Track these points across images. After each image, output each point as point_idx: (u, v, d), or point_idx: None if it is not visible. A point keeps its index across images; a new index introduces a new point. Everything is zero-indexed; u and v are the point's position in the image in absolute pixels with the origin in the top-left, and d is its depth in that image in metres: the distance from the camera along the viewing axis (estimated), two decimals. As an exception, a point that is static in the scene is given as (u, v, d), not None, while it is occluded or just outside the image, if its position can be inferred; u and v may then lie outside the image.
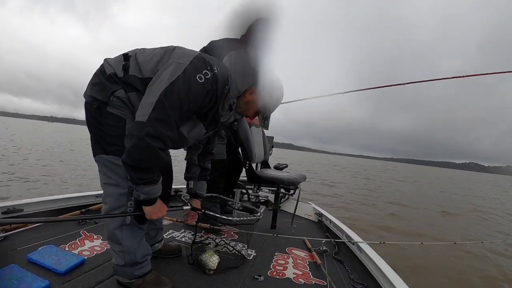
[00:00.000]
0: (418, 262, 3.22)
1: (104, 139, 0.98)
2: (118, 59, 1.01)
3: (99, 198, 1.99)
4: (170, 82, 0.89)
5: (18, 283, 0.99)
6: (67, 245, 1.37)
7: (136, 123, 0.88)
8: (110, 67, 0.98)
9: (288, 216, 2.39)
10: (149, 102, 0.89)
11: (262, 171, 2.26)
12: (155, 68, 0.96)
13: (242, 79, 1.03)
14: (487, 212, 7.66)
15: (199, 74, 0.94)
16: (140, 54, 1.01)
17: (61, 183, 5.36)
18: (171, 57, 0.97)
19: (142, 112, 0.88)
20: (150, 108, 0.87)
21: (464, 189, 15.63)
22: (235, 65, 1.05)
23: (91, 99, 0.98)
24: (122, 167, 0.92)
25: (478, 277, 3.07)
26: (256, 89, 1.06)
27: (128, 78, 0.97)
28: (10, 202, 1.56)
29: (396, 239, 4.19)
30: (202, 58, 0.98)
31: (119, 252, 1.02)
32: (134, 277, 1.05)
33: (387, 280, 1.20)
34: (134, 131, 0.87)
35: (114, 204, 0.99)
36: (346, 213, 5.51)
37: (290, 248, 1.69)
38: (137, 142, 0.86)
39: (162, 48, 1.03)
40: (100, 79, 0.98)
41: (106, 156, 0.98)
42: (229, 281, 1.21)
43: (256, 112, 1.13)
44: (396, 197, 8.56)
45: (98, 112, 0.97)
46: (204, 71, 0.95)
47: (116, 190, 0.99)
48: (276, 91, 1.10)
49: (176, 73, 0.91)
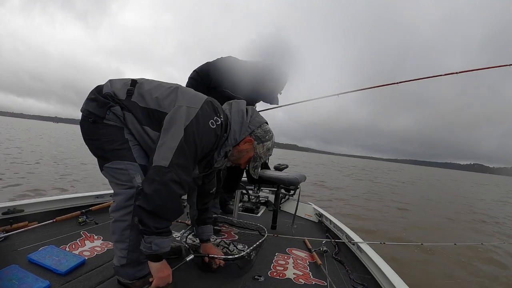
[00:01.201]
0: (418, 263, 3.22)
1: (103, 149, 1.00)
2: (124, 82, 1.05)
3: (99, 198, 2.00)
4: (186, 127, 0.93)
5: (18, 283, 1.00)
6: (67, 245, 1.37)
7: (157, 168, 0.88)
8: (109, 87, 1.03)
9: (288, 216, 2.39)
10: (170, 146, 0.90)
11: (262, 172, 2.26)
12: (161, 103, 1.00)
13: (240, 129, 1.09)
14: (489, 215, 7.63)
15: (211, 120, 1.00)
16: (146, 84, 1.05)
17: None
18: (179, 97, 1.01)
19: (163, 156, 0.89)
20: (172, 152, 0.89)
21: (472, 192, 15.35)
22: (235, 114, 1.10)
23: (87, 113, 1.01)
24: (124, 169, 0.97)
25: (478, 277, 3.07)
26: (251, 140, 1.12)
27: (129, 103, 1.00)
28: (10, 202, 1.57)
29: (396, 239, 4.19)
30: (211, 104, 1.04)
31: (123, 250, 1.02)
32: (135, 278, 1.05)
33: (387, 280, 1.20)
34: (156, 176, 0.87)
35: (124, 203, 1.00)
36: (350, 220, 5.50)
37: (290, 248, 1.69)
38: (160, 187, 0.87)
39: (168, 84, 1.07)
40: (96, 96, 1.01)
41: (109, 163, 1.00)
42: (229, 281, 1.21)
43: (247, 161, 1.18)
44: (401, 200, 8.44)
45: (94, 126, 1.00)
46: (215, 117, 1.02)
47: (125, 190, 1.00)
48: (268, 142, 1.16)
49: (190, 117, 0.95)
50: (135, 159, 1.02)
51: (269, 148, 1.18)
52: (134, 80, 1.06)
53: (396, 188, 10.36)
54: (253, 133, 1.12)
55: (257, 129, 1.13)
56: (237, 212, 2.11)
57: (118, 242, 1.03)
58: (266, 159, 1.23)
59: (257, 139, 1.13)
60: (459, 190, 15.39)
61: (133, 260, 1.03)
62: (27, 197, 4.04)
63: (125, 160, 1.00)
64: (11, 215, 1.50)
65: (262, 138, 1.14)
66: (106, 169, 1.02)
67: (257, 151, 1.15)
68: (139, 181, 0.99)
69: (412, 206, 7.41)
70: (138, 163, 1.02)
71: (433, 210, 7.20)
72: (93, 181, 5.83)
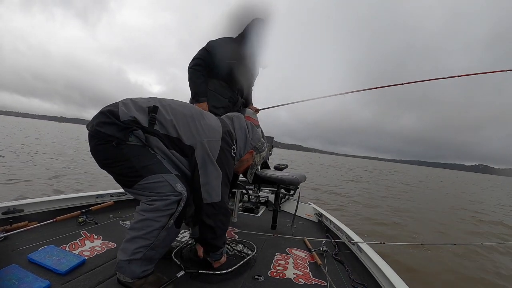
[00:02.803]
0: (418, 263, 3.22)
1: (134, 167, 1.01)
2: (143, 107, 1.07)
3: (99, 198, 2.00)
4: (217, 161, 1.09)
5: (18, 283, 0.99)
6: (67, 245, 1.37)
7: (213, 204, 1.08)
8: (125, 112, 1.03)
9: (288, 216, 2.39)
10: (217, 184, 1.08)
11: (262, 172, 2.26)
12: (182, 134, 1.08)
13: (245, 146, 1.27)
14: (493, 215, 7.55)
15: (231, 150, 1.18)
16: (165, 113, 1.09)
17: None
18: (199, 130, 1.11)
19: (214, 193, 1.08)
20: (219, 187, 1.09)
21: (483, 194, 14.92)
22: (238, 131, 1.26)
23: (105, 136, 1.00)
24: (163, 181, 1.02)
25: (478, 277, 3.07)
26: (252, 151, 1.31)
27: (153, 131, 1.05)
28: (10, 202, 1.57)
29: (396, 239, 4.19)
30: (229, 133, 1.20)
31: (143, 247, 1.01)
32: (138, 276, 1.05)
33: (387, 280, 1.20)
34: (216, 210, 1.09)
35: (163, 207, 1.01)
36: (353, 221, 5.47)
37: (290, 248, 1.69)
38: (223, 218, 1.13)
39: (185, 108, 1.16)
40: (113, 120, 1.01)
41: (143, 180, 1.01)
42: (229, 282, 1.21)
43: (246, 168, 1.37)
44: (405, 203, 8.21)
45: (118, 149, 1.01)
46: (233, 146, 1.20)
47: (172, 198, 1.02)
48: (264, 152, 1.37)
49: (217, 151, 1.11)
50: (169, 170, 1.05)
51: (264, 157, 1.39)
52: (155, 107, 1.07)
53: (405, 195, 9.83)
54: (254, 147, 1.32)
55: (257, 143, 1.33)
56: (237, 212, 2.11)
57: (141, 238, 1.01)
58: (259, 165, 1.46)
59: (256, 150, 1.33)
60: (470, 193, 14.73)
61: (147, 257, 1.03)
62: (27, 197, 4.04)
63: (162, 173, 1.02)
64: (11, 215, 1.50)
65: (260, 149, 1.34)
66: (140, 187, 1.02)
67: (255, 160, 1.36)
68: (181, 189, 1.03)
69: (429, 213, 6.95)
70: (174, 174, 1.05)
71: (452, 220, 6.46)
72: (93, 180, 5.83)
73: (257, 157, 1.35)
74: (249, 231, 1.91)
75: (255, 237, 1.79)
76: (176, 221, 1.05)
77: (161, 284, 1.07)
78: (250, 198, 2.73)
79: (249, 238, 1.75)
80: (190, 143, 1.08)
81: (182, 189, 1.03)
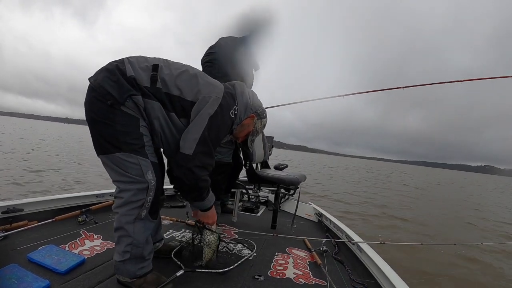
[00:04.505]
0: (418, 263, 3.22)
1: (117, 137, 0.97)
2: (145, 66, 1.03)
3: (99, 197, 1.99)
4: (210, 118, 1.05)
5: (18, 282, 0.99)
6: (67, 244, 1.37)
7: (183, 155, 1.03)
8: (131, 70, 1.00)
9: (288, 216, 2.39)
10: (194, 138, 1.04)
11: (262, 171, 2.26)
12: (183, 89, 1.06)
13: (245, 111, 1.24)
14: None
15: (231, 110, 1.15)
16: (165, 68, 1.06)
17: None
18: (200, 85, 1.09)
19: (187, 146, 1.03)
20: (195, 143, 1.03)
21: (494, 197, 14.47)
22: (240, 96, 1.22)
23: (105, 92, 0.96)
24: (136, 164, 0.98)
25: (478, 277, 3.07)
26: (253, 116, 1.27)
27: (155, 90, 1.01)
28: (10, 202, 1.57)
29: (396, 239, 4.18)
30: (231, 94, 1.17)
31: (127, 245, 1.01)
32: (135, 276, 1.05)
33: (387, 280, 1.20)
34: (182, 162, 1.03)
35: (132, 198, 0.99)
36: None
37: (290, 248, 1.69)
38: (186, 172, 1.04)
39: (184, 67, 1.12)
40: (118, 78, 0.97)
41: (120, 154, 0.97)
42: (229, 281, 1.21)
43: (246, 134, 1.33)
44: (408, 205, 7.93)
45: (111, 109, 0.96)
46: (234, 107, 1.16)
47: (134, 185, 0.99)
48: (265, 119, 1.33)
49: (214, 107, 1.07)
50: (148, 156, 1.02)
51: (265, 124, 1.35)
52: (156, 65, 1.04)
53: (418, 202, 9.28)
54: (255, 112, 1.28)
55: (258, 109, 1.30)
56: (237, 211, 2.11)
57: (123, 237, 1.02)
58: (260, 133, 1.41)
59: (257, 115, 1.28)
60: (481, 197, 14.10)
61: (136, 256, 1.03)
62: (27, 196, 4.04)
63: (139, 155, 0.99)
64: (11, 214, 1.50)
65: (261, 115, 1.30)
66: (114, 157, 0.98)
67: (255, 126, 1.31)
68: (150, 178, 1.00)
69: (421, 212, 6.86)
70: (150, 161, 1.03)
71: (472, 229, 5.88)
72: (93, 180, 5.83)
73: (258, 123, 1.30)
74: (249, 230, 1.90)
75: (255, 237, 1.79)
76: (150, 212, 1.04)
77: (160, 283, 1.07)
78: (250, 198, 2.73)
79: (249, 237, 1.75)
80: (191, 99, 1.06)
81: (151, 177, 1.01)
